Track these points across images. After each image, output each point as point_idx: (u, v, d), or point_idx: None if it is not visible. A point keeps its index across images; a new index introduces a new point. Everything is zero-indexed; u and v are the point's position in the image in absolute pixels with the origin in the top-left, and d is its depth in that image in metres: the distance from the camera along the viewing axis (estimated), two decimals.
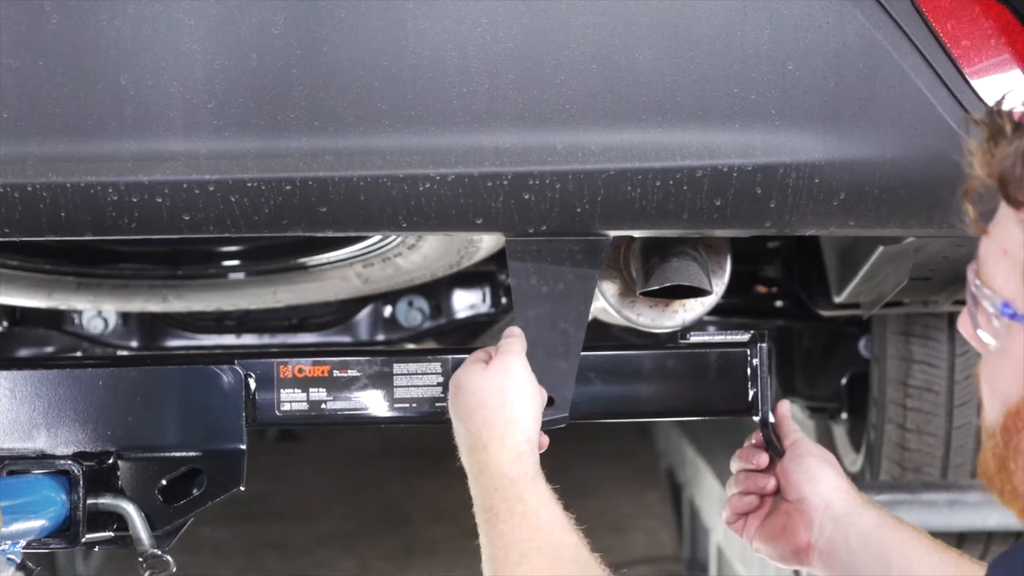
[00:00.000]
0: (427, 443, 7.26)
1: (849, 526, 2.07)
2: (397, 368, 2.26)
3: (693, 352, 2.31)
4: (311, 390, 2.24)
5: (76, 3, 2.00)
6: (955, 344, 3.44)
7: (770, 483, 2.16)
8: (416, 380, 2.25)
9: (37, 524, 2.13)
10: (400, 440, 7.40)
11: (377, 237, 2.83)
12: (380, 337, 3.64)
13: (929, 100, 2.04)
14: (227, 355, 2.26)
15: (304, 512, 6.86)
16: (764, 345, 2.27)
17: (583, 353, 2.24)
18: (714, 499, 4.72)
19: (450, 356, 2.26)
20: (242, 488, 2.21)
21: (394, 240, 2.77)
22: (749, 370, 2.28)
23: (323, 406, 2.25)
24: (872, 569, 2.03)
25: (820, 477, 2.12)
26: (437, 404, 2.25)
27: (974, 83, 2.06)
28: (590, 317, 2.25)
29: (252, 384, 2.23)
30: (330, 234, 2.12)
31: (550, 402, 2.17)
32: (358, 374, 2.25)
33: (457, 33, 2.01)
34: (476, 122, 2.02)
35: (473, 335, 3.71)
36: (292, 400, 2.24)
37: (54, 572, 5.24)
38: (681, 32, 2.02)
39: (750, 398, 2.28)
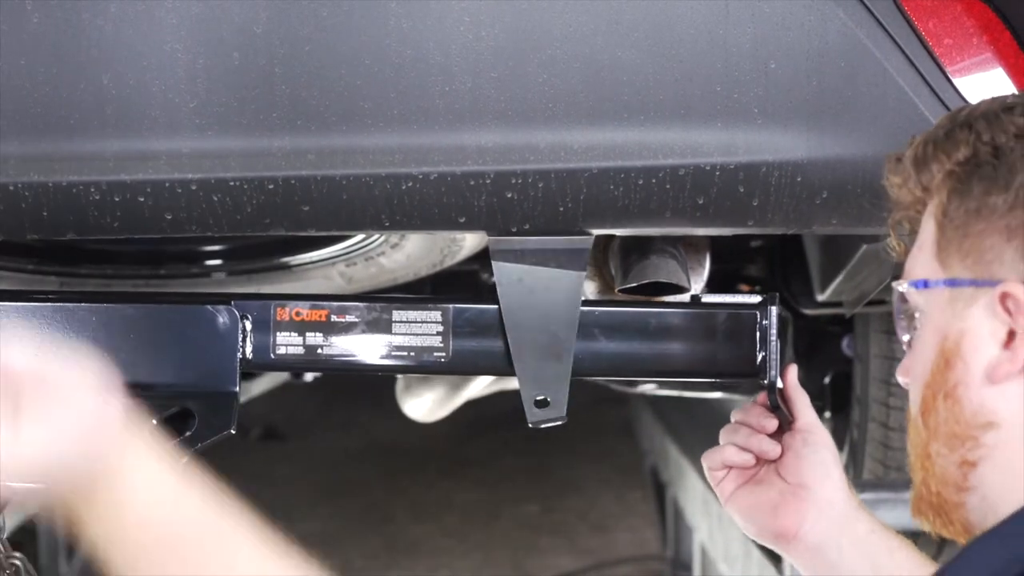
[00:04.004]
0: (410, 443, 7.26)
1: (844, 528, 2.05)
2: (396, 315, 2.21)
3: (701, 311, 2.24)
4: (308, 334, 2.20)
5: (58, 2, 2.00)
6: None
7: (775, 450, 2.07)
8: (415, 328, 2.21)
9: None
10: (383, 440, 7.40)
11: (360, 236, 2.83)
12: None
13: (911, 98, 2.05)
14: (224, 295, 2.22)
15: (287, 511, 6.85)
16: (775, 307, 2.21)
17: (587, 308, 2.20)
18: (698, 498, 4.73)
19: (451, 305, 2.21)
20: (232, 431, 2.16)
21: (377, 239, 2.77)
22: (759, 332, 2.21)
23: (319, 351, 2.20)
24: (860, 573, 2.02)
25: (832, 474, 2.07)
26: (435, 353, 2.21)
27: (956, 81, 2.06)
28: None
29: (248, 326, 2.19)
30: (313, 233, 2.11)
31: (544, 403, 2.16)
32: (356, 320, 2.20)
33: (439, 32, 2.01)
34: (459, 121, 2.02)
35: None
36: (288, 344, 2.20)
37: (36, 571, 5.23)
38: (664, 31, 2.02)
39: (758, 361, 2.21)
